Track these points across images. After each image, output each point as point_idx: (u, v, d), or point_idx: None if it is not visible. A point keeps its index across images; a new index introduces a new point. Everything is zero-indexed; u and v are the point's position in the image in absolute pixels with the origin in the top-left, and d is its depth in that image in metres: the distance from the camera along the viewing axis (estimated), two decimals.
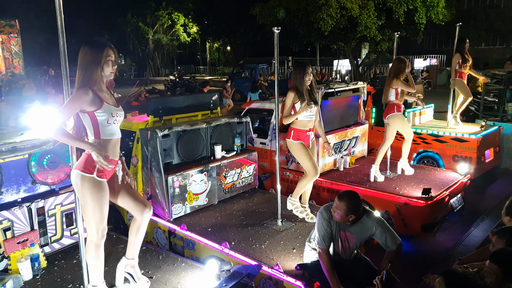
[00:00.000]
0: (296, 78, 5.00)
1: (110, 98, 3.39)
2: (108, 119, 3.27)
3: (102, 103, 3.24)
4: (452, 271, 2.53)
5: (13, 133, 4.44)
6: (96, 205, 3.26)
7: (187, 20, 41.07)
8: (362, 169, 7.14)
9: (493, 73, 10.60)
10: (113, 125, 3.34)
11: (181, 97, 6.42)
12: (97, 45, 3.24)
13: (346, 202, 3.68)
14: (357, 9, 18.54)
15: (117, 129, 3.41)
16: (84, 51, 3.20)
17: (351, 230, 3.77)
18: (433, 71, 27.54)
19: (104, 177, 3.31)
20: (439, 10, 19.46)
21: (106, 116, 3.26)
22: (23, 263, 3.91)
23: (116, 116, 3.34)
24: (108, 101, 3.30)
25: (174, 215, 5.21)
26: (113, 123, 3.32)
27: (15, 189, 4.21)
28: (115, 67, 3.30)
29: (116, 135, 3.39)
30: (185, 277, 3.96)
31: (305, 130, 5.07)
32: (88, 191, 3.24)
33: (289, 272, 3.99)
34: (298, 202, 5.26)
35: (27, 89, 13.45)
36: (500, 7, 32.90)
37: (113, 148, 3.38)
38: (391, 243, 3.67)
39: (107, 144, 3.33)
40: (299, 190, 5.22)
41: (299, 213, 5.18)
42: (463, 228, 6.42)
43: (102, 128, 3.29)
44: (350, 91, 7.40)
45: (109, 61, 3.24)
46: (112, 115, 3.30)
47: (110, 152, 3.34)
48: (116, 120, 3.34)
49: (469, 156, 7.80)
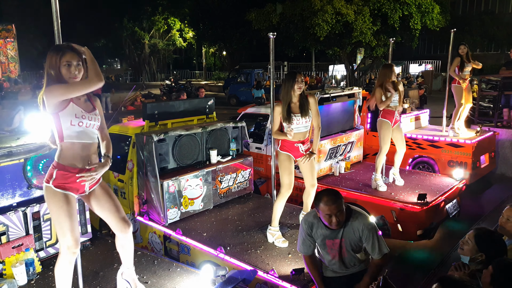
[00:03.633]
0: (284, 87, 4.68)
1: (85, 102, 3.24)
2: (71, 120, 3.09)
3: (69, 102, 3.09)
4: (448, 277, 2.54)
5: (9, 138, 4.43)
6: (59, 217, 3.16)
7: (183, 25, 41.18)
8: (357, 174, 7.15)
9: (488, 79, 10.67)
10: (77, 128, 3.12)
11: (177, 101, 6.43)
12: (55, 49, 3.10)
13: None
14: (353, 14, 18.65)
15: (86, 134, 3.20)
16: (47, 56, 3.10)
17: (338, 236, 3.56)
18: (428, 76, 27.69)
19: (64, 188, 3.15)
20: (434, 16, 19.60)
21: (70, 117, 3.09)
22: (18, 268, 3.90)
23: (84, 118, 3.14)
24: (77, 101, 3.15)
25: (169, 220, 5.20)
26: (77, 124, 3.11)
27: (10, 194, 4.19)
28: (75, 72, 3.08)
29: (79, 138, 3.16)
30: (180, 282, 3.95)
31: (293, 141, 4.76)
32: (49, 202, 3.17)
33: (285, 277, 3.99)
34: (279, 231, 4.85)
35: (23, 94, 13.42)
36: (495, 13, 33.14)
37: (79, 154, 3.19)
38: (377, 252, 3.49)
39: (69, 151, 3.15)
40: (276, 216, 4.88)
41: (281, 243, 4.71)
42: (459, 233, 6.43)
43: (66, 130, 3.11)
44: (345, 96, 7.42)
45: (66, 65, 3.07)
46: (77, 115, 3.11)
47: (73, 159, 3.16)
48: (81, 123, 3.13)
49: (465, 162, 7.83)
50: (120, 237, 3.53)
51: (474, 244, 3.15)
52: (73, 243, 3.19)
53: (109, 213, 3.44)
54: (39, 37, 32.41)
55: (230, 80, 27.53)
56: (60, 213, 3.14)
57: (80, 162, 3.19)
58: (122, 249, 3.61)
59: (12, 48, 24.22)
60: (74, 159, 3.17)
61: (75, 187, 3.21)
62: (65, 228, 3.16)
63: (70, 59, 3.06)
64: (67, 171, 3.15)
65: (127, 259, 3.67)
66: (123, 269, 3.71)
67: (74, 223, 3.20)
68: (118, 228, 3.47)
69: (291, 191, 4.87)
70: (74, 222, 3.21)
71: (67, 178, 3.15)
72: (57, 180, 3.13)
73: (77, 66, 3.09)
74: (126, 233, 3.50)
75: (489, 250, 3.10)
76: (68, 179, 3.15)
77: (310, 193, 5.04)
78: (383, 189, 6.28)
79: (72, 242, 3.18)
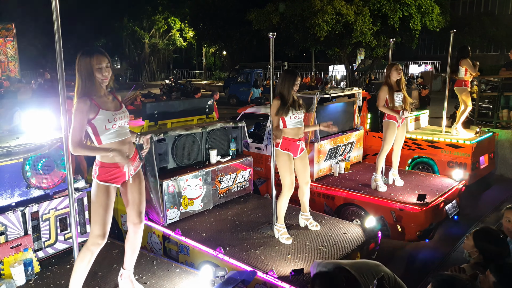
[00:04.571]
0: (284, 84, 4.79)
1: (112, 101, 3.42)
2: (105, 125, 3.29)
3: (98, 110, 3.25)
4: (441, 274, 2.54)
5: (8, 137, 4.42)
6: (95, 206, 3.39)
7: (183, 25, 41.18)
8: (357, 174, 7.14)
9: (488, 80, 10.66)
10: (112, 130, 3.34)
11: (177, 101, 6.42)
12: (86, 53, 3.24)
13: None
14: (353, 15, 18.63)
15: (121, 132, 3.42)
16: (77, 61, 3.23)
17: None
18: (428, 77, 27.68)
19: (107, 181, 3.38)
20: (434, 17, 19.58)
21: (103, 122, 3.28)
22: (16, 268, 3.89)
23: (116, 120, 3.34)
24: (105, 106, 3.32)
25: (168, 220, 5.19)
26: (111, 127, 3.33)
27: (9, 194, 4.18)
28: (106, 73, 3.28)
29: (119, 137, 3.40)
30: (179, 283, 3.94)
31: (296, 139, 4.83)
32: (92, 192, 3.40)
33: (284, 278, 3.98)
34: (285, 228, 4.92)
35: (22, 93, 13.38)
36: (495, 14, 33.14)
37: (118, 150, 3.36)
38: None
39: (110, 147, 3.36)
40: (281, 213, 4.92)
41: (285, 240, 4.79)
42: (458, 234, 6.43)
43: (102, 134, 3.32)
44: (345, 96, 7.42)
45: (99, 68, 3.23)
46: (109, 120, 3.30)
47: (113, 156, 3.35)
48: (115, 125, 3.34)
49: (464, 162, 7.83)
50: (130, 229, 3.71)
51: (471, 240, 3.24)
52: (101, 233, 3.39)
53: (132, 203, 3.63)
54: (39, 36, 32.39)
55: (230, 80, 27.53)
56: (97, 202, 3.37)
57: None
58: (128, 245, 3.74)
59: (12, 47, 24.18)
60: (114, 156, 3.33)
61: (118, 178, 3.43)
62: (98, 217, 3.38)
63: (101, 62, 3.24)
64: (109, 167, 3.36)
65: (130, 259, 3.75)
66: (122, 271, 3.74)
67: (108, 216, 3.41)
68: (131, 219, 3.68)
69: (293, 190, 4.92)
70: (108, 215, 3.41)
71: (109, 171, 3.37)
72: (101, 176, 3.37)
73: (107, 68, 3.28)
74: (136, 226, 3.69)
75: (484, 248, 3.17)
76: (111, 172, 3.37)
77: (304, 191, 5.11)
78: (383, 190, 6.28)
79: (100, 231, 3.39)
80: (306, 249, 4.60)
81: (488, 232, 3.28)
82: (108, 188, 3.38)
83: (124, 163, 3.29)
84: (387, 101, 6.32)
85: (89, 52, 3.24)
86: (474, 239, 3.24)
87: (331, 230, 5.08)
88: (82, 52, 3.25)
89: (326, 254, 4.48)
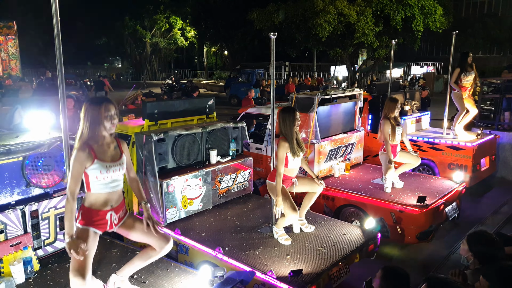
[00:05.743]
0: (286, 124, 4.76)
1: (113, 150, 3.39)
2: (97, 176, 3.26)
3: (94, 159, 3.24)
4: (435, 276, 2.56)
5: (9, 136, 4.42)
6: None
7: (184, 24, 41.18)
8: (357, 175, 7.14)
9: (490, 82, 10.63)
10: (103, 181, 3.30)
11: (177, 101, 6.41)
12: (95, 102, 3.26)
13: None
14: (355, 15, 18.62)
15: (111, 184, 3.35)
16: (84, 108, 3.23)
17: None
18: (430, 78, 27.64)
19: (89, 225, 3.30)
20: (437, 18, 19.56)
21: (96, 173, 3.25)
22: (16, 266, 3.89)
23: (108, 173, 3.30)
24: (102, 156, 3.30)
25: (168, 219, 5.19)
26: (102, 179, 3.28)
27: (8, 192, 4.19)
28: (115, 121, 3.30)
29: (108, 189, 3.35)
30: (178, 283, 3.94)
31: (292, 176, 4.95)
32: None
33: (283, 278, 3.98)
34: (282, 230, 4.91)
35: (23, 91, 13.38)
36: (498, 16, 33.08)
37: (106, 200, 3.35)
38: None
39: (96, 199, 3.33)
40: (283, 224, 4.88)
41: (284, 241, 4.78)
42: (458, 236, 6.42)
43: (92, 183, 3.29)
44: (346, 97, 7.41)
45: (107, 116, 3.24)
46: (102, 172, 3.26)
47: (100, 205, 3.33)
48: (107, 177, 3.29)
49: (465, 164, 7.82)
50: (162, 252, 3.63)
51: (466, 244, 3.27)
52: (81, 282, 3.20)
53: (146, 236, 3.58)
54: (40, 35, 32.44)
55: (231, 80, 27.50)
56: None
57: (107, 205, 3.37)
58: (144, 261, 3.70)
59: (13, 45, 24.23)
60: (101, 205, 3.34)
61: (101, 224, 3.36)
62: (76, 264, 3.22)
63: (110, 109, 3.26)
64: (93, 214, 3.32)
65: (134, 269, 3.75)
66: (116, 278, 3.75)
67: (87, 263, 3.25)
68: (159, 245, 3.59)
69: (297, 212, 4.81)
70: (88, 263, 3.26)
71: (93, 217, 3.32)
72: (83, 220, 3.30)
73: (115, 115, 3.30)
74: (168, 245, 3.62)
75: (478, 252, 3.19)
76: (94, 218, 3.32)
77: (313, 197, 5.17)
78: (388, 191, 6.31)
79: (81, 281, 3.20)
80: (305, 250, 4.60)
81: (482, 236, 3.29)
82: (88, 231, 3.29)
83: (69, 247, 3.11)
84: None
85: (97, 101, 3.27)
86: (468, 243, 3.25)
87: (331, 231, 5.07)
88: (90, 101, 3.28)
89: (325, 255, 4.47)
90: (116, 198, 3.43)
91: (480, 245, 3.20)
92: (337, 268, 4.37)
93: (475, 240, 3.24)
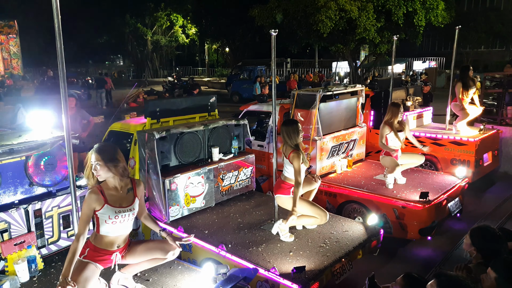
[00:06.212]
0: (292, 137, 4.77)
1: (126, 195, 3.44)
2: (105, 220, 3.33)
3: (104, 204, 3.32)
4: (444, 274, 2.55)
5: (11, 135, 4.43)
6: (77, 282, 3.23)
7: (185, 22, 41.19)
8: (360, 172, 7.13)
9: (492, 76, 10.60)
10: (112, 225, 3.37)
11: (179, 99, 6.41)
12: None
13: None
14: (356, 11, 18.54)
15: (119, 228, 3.42)
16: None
17: None
18: (432, 73, 27.58)
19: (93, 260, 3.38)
20: (439, 13, 19.47)
21: (104, 217, 3.33)
22: (20, 264, 3.91)
23: (117, 218, 3.36)
24: (113, 201, 3.37)
25: (171, 217, 5.20)
26: (111, 223, 3.35)
27: (12, 191, 4.21)
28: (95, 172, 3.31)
29: (114, 233, 3.41)
30: (181, 280, 3.96)
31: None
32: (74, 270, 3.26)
33: (286, 275, 3.98)
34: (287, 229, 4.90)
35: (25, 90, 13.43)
36: (500, 10, 33.00)
37: (113, 242, 3.45)
38: None
39: (103, 239, 3.41)
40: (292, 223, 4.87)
41: (288, 238, 4.79)
42: (461, 232, 6.42)
43: (101, 226, 3.37)
44: (348, 94, 7.40)
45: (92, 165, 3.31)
46: (110, 217, 3.33)
47: (106, 245, 3.42)
48: (114, 222, 3.36)
49: (467, 160, 7.80)
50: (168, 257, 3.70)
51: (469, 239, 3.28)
52: None
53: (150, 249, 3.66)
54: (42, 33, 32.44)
55: (232, 77, 27.47)
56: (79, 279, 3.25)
57: (113, 246, 3.47)
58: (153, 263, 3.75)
59: (15, 44, 24.26)
60: (107, 245, 3.43)
61: (105, 261, 3.46)
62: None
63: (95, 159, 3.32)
64: (99, 253, 3.41)
65: (139, 269, 3.80)
66: (120, 275, 3.76)
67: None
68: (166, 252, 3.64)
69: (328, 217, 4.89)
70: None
71: (98, 256, 3.41)
72: (87, 257, 3.38)
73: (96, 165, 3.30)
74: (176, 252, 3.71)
75: (481, 246, 3.20)
76: (99, 257, 3.41)
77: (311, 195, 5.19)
78: (391, 187, 6.31)
79: None
80: (308, 247, 4.61)
81: (485, 230, 3.29)
82: (89, 264, 3.36)
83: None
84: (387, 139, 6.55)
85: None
86: (470, 238, 3.26)
87: (333, 228, 5.07)
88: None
89: (328, 252, 4.48)
90: (123, 239, 3.53)
91: (483, 239, 3.21)
92: (340, 265, 4.38)
93: (478, 234, 3.25)
